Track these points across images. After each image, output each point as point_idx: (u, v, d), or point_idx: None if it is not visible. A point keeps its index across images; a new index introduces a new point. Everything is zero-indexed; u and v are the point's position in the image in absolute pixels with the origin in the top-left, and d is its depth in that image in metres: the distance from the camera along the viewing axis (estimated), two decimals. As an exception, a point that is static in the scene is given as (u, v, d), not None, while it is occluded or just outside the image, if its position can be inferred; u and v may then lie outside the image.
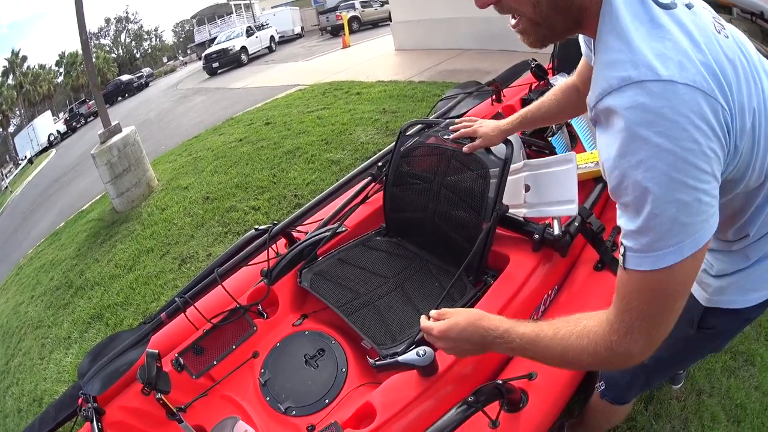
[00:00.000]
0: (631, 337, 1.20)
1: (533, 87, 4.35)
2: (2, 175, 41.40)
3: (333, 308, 2.76)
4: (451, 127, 2.73)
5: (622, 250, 1.16)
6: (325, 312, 2.91)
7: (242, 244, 3.25)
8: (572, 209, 2.53)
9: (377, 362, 2.17)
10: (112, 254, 7.22)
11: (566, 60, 4.15)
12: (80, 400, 2.70)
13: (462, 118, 2.74)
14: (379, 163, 3.58)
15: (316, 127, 9.09)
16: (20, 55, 55.06)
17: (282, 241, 3.34)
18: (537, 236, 2.60)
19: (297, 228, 3.37)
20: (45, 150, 38.29)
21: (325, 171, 7.19)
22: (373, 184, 3.50)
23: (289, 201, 6.65)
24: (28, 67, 55.84)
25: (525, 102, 4.16)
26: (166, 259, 6.39)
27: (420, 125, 3.27)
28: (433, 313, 1.77)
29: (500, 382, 1.93)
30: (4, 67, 53.15)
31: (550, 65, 4.46)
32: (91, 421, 2.51)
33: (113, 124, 8.97)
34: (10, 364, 6.02)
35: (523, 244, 2.71)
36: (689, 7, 1.12)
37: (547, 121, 2.41)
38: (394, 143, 3.27)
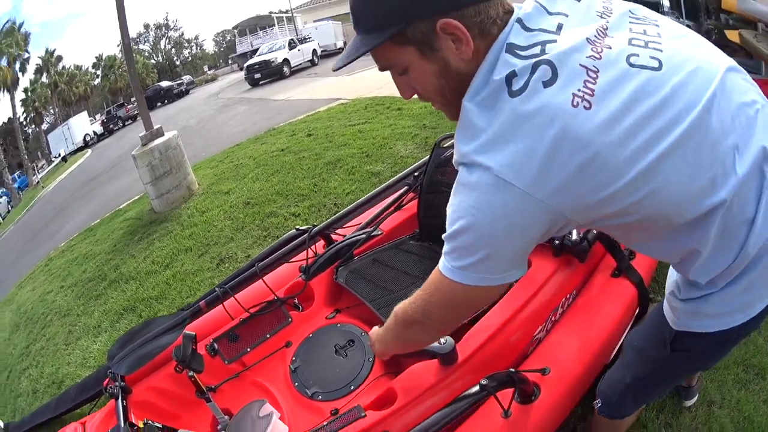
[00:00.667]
0: (419, 311, 1.61)
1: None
2: (35, 170, 41.85)
3: (365, 302, 2.92)
4: None
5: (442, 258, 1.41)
6: (358, 308, 3.05)
7: (282, 242, 3.42)
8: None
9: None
10: (149, 251, 7.27)
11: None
12: (106, 380, 2.82)
13: None
14: (416, 173, 3.69)
15: (357, 140, 9.10)
16: (55, 54, 55.59)
17: (320, 243, 3.48)
18: (557, 242, 2.71)
19: (335, 230, 3.52)
20: (80, 150, 38.64)
21: (365, 182, 7.19)
22: (410, 193, 3.63)
23: (328, 209, 6.65)
24: (63, 67, 56.46)
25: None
26: (204, 258, 6.43)
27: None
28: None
29: (513, 371, 2.04)
30: (37, 65, 53.66)
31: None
32: (117, 398, 2.61)
33: (155, 127, 9.05)
34: (31, 347, 6.12)
35: (544, 249, 2.79)
36: (551, 81, 1.16)
37: None
38: (429, 154, 3.41)
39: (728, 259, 1.32)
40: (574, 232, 2.68)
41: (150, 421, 2.47)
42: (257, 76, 27.69)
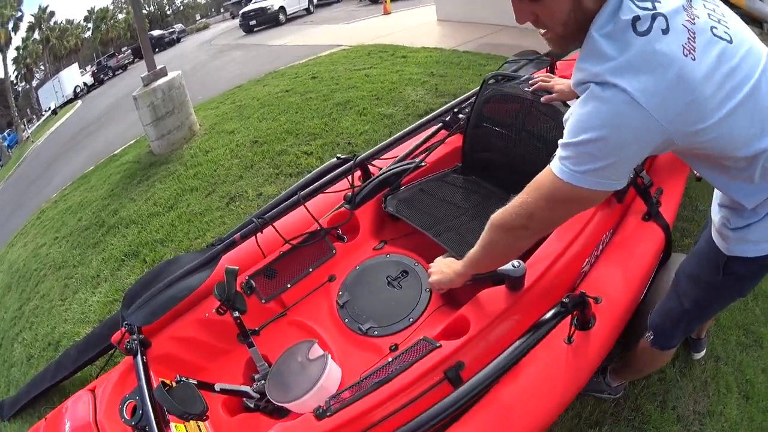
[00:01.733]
0: (523, 217, 1.71)
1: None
2: (24, 126, 41.48)
3: (421, 230, 2.87)
4: (530, 81, 2.93)
5: (555, 155, 1.54)
6: (406, 238, 3.06)
7: (323, 171, 3.29)
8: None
9: (475, 275, 2.20)
10: (150, 194, 6.99)
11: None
12: (118, 334, 2.60)
13: (540, 74, 2.98)
14: (455, 110, 3.66)
15: (365, 84, 8.85)
16: (48, 10, 55.13)
17: (356, 174, 3.33)
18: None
19: (372, 162, 3.42)
20: (70, 102, 38.01)
21: (378, 123, 7.08)
22: (443, 131, 3.61)
23: (342, 148, 6.55)
24: (55, 22, 55.91)
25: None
26: (212, 197, 6.22)
27: (501, 77, 3.34)
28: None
29: (584, 292, 2.11)
30: (30, 22, 53.16)
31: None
32: (135, 355, 2.38)
33: (159, 67, 8.71)
34: (23, 308, 5.71)
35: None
36: (665, 31, 1.36)
37: None
38: (477, 89, 3.38)
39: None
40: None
41: (184, 378, 2.26)
42: (252, 22, 27.11)
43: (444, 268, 2.26)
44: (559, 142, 1.50)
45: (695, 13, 1.42)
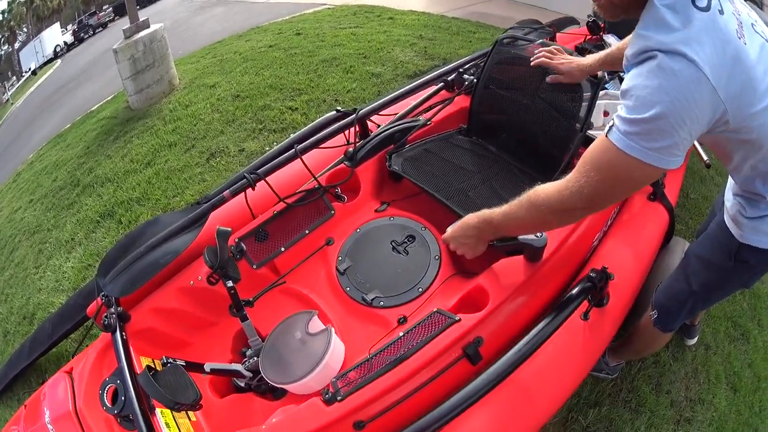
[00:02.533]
0: (579, 196, 1.64)
1: (587, 38, 4.42)
2: (5, 89, 41.21)
3: (431, 192, 2.70)
4: (536, 52, 2.78)
5: (611, 123, 1.52)
6: (410, 200, 2.88)
7: (321, 124, 3.10)
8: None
9: (496, 242, 2.13)
10: (126, 149, 6.73)
11: (612, 25, 4.34)
12: (93, 305, 2.43)
13: (550, 45, 2.85)
14: (460, 70, 3.52)
15: (351, 42, 8.70)
16: (33, -31, 54.87)
17: (352, 130, 3.14)
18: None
19: (371, 119, 3.24)
20: (50, 61, 37.53)
21: (365, 82, 6.93)
22: (445, 91, 3.47)
23: (329, 104, 6.35)
24: (40, -18, 55.69)
25: (579, 50, 4.12)
26: (191, 153, 6.02)
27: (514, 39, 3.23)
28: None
29: (606, 267, 2.11)
30: (17, -17, 52.90)
31: (603, 25, 4.54)
32: (114, 332, 2.20)
33: (141, 19, 8.44)
34: None
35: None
36: (721, 12, 1.42)
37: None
38: (489, 49, 3.24)
39: None
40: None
41: (171, 359, 2.11)
42: None
43: (470, 230, 2.10)
44: (621, 115, 1.47)
45: (737, 9, 1.51)
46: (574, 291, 2.03)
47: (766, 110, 1.47)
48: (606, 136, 1.52)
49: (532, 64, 2.76)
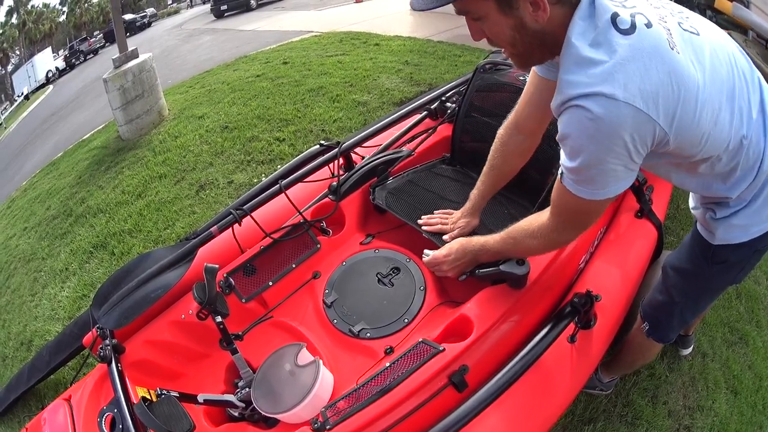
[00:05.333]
0: (560, 232, 1.82)
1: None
2: (-1, 112, 41.09)
3: (412, 225, 2.72)
4: (422, 223, 2.69)
5: (560, 170, 1.59)
6: (395, 231, 2.92)
7: (305, 159, 3.13)
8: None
9: (479, 271, 2.22)
10: (118, 180, 6.81)
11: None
12: (89, 336, 2.52)
13: (436, 214, 2.75)
14: (443, 98, 3.58)
15: (337, 70, 8.87)
16: (26, -6, 54.86)
17: (336, 163, 3.18)
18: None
19: (354, 151, 3.28)
20: (42, 86, 37.71)
21: (352, 111, 7.04)
22: (429, 119, 3.56)
23: (316, 135, 6.46)
24: (32, 6, 55.66)
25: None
26: (181, 185, 6.09)
27: (493, 65, 3.25)
28: (427, 251, 2.40)
29: (590, 291, 2.14)
30: (9, 6, 52.83)
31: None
32: (109, 363, 2.26)
33: (130, 49, 8.57)
34: None
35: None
36: (648, 26, 1.38)
37: (506, 178, 2.56)
38: (469, 77, 3.30)
39: (751, 177, 1.69)
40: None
41: (165, 390, 2.13)
42: (224, 7, 27.53)
43: (457, 254, 2.25)
44: (562, 162, 1.55)
45: (662, 14, 1.48)
46: (558, 316, 2.10)
47: (709, 117, 1.45)
48: (560, 180, 1.61)
49: (425, 233, 2.63)
